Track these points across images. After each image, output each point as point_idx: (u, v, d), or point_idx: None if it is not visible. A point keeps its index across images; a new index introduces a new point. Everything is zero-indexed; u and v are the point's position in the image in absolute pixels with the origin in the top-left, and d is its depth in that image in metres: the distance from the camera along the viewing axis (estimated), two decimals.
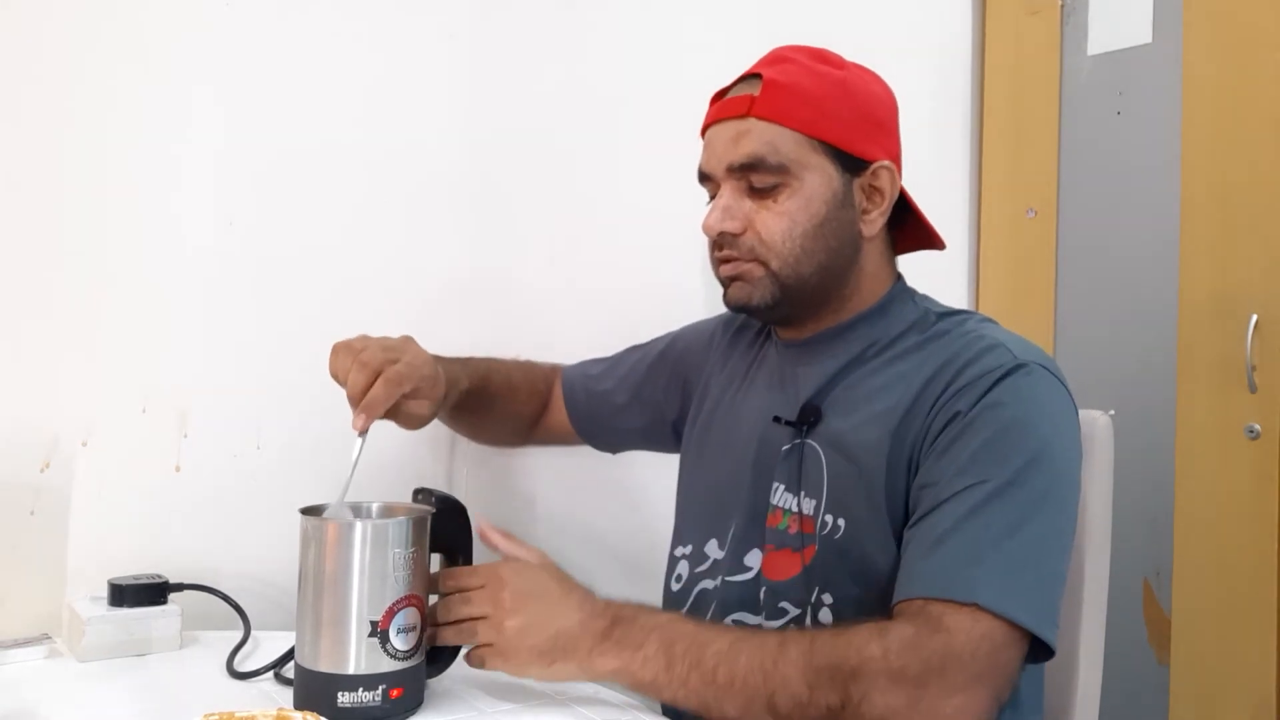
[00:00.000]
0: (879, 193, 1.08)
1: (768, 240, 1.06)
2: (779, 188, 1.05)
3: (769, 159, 1.04)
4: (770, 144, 1.04)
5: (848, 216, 1.07)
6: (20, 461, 1.19)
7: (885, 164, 1.08)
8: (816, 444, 1.07)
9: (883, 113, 1.10)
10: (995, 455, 0.95)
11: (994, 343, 1.02)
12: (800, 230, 1.05)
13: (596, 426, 1.37)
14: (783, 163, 1.04)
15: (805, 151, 1.05)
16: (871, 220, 1.09)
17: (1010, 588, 0.90)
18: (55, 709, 0.97)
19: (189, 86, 1.28)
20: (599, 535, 1.59)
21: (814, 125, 1.05)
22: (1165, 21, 1.71)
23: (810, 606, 1.04)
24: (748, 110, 1.06)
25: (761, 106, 1.05)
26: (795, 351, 1.14)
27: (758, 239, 1.06)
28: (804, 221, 1.05)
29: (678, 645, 0.93)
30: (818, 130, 1.05)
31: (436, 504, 0.99)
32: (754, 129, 1.05)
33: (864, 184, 1.08)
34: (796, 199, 1.05)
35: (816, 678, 0.89)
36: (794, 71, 1.07)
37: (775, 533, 1.08)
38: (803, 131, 1.05)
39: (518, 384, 1.34)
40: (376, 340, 1.10)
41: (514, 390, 1.34)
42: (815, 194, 1.05)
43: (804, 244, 1.05)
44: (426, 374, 1.10)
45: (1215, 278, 1.63)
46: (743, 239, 1.07)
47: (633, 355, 1.36)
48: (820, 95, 1.06)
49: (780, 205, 1.05)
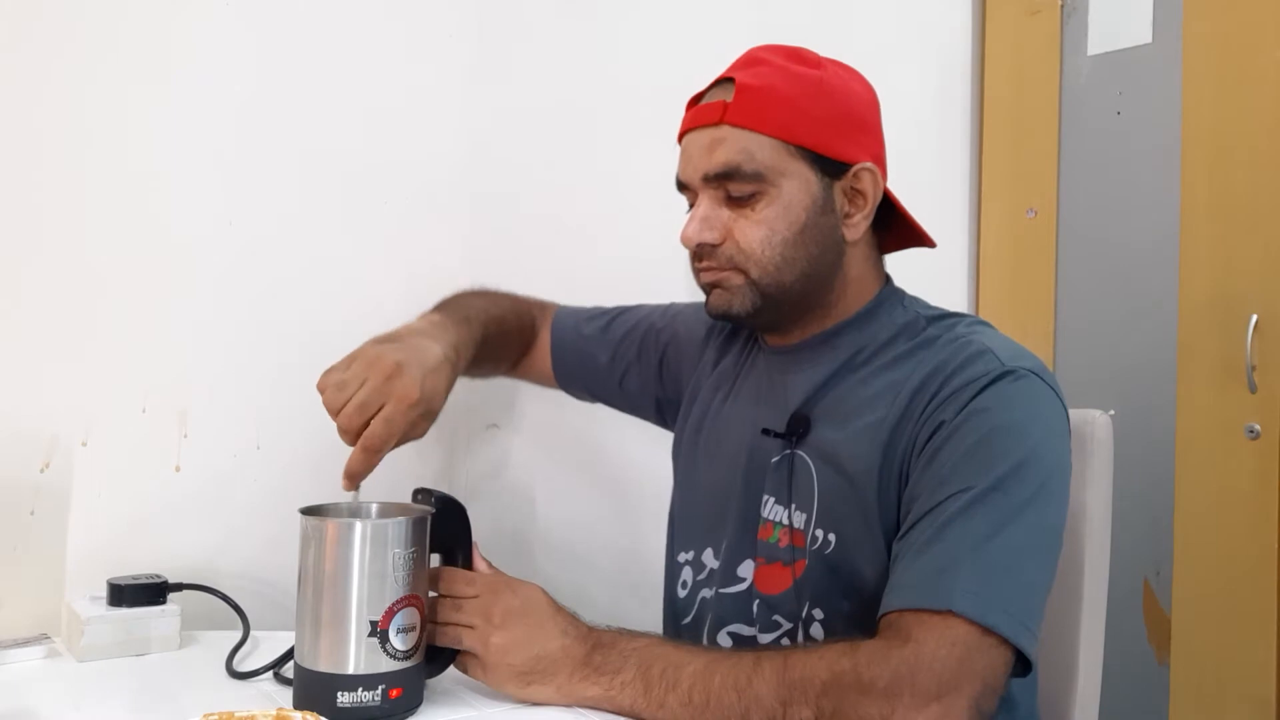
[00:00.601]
0: (861, 195, 1.06)
1: (747, 249, 1.04)
2: (757, 196, 1.03)
3: (745, 167, 1.02)
4: (745, 151, 1.02)
5: (829, 222, 1.05)
6: (20, 461, 1.19)
7: (867, 166, 1.05)
8: (807, 455, 1.05)
9: (862, 111, 1.07)
10: (978, 462, 0.94)
11: (981, 349, 1.00)
12: (780, 238, 1.03)
13: (576, 380, 1.35)
14: (759, 170, 1.02)
15: (782, 157, 1.02)
16: (854, 224, 1.06)
17: (986, 593, 0.89)
18: (54, 709, 0.96)
19: (189, 86, 1.28)
20: (599, 536, 1.59)
21: (790, 130, 1.02)
22: (1165, 21, 1.71)
23: (801, 621, 1.03)
24: (721, 117, 1.03)
25: (735, 113, 1.02)
26: (782, 358, 1.13)
27: (737, 248, 1.04)
28: (783, 229, 1.03)
29: (654, 668, 0.93)
30: (794, 135, 1.02)
31: (436, 504, 0.99)
32: (728, 137, 1.03)
33: (845, 187, 1.05)
34: (775, 207, 1.03)
35: (789, 694, 0.88)
36: (768, 74, 1.04)
37: (766, 546, 1.07)
38: (778, 137, 1.02)
39: (509, 329, 1.30)
40: (372, 364, 1.02)
41: (506, 337, 1.30)
42: (794, 201, 1.03)
43: (784, 252, 1.03)
44: (423, 398, 1.03)
45: (1215, 278, 1.63)
46: (722, 249, 1.05)
47: (627, 320, 1.33)
48: (795, 97, 1.03)
49: (759, 214, 1.03)
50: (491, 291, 1.32)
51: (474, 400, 1.49)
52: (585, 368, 1.33)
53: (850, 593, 1.00)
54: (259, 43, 1.33)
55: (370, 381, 1.01)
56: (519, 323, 1.32)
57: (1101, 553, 1.16)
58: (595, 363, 1.33)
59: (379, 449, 1.00)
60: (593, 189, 1.58)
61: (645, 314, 1.33)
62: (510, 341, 1.31)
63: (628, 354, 1.31)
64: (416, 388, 1.02)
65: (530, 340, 1.35)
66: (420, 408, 1.02)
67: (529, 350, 1.35)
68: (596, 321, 1.34)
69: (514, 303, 1.33)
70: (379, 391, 1.01)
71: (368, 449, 1.00)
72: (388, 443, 1.01)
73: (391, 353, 1.04)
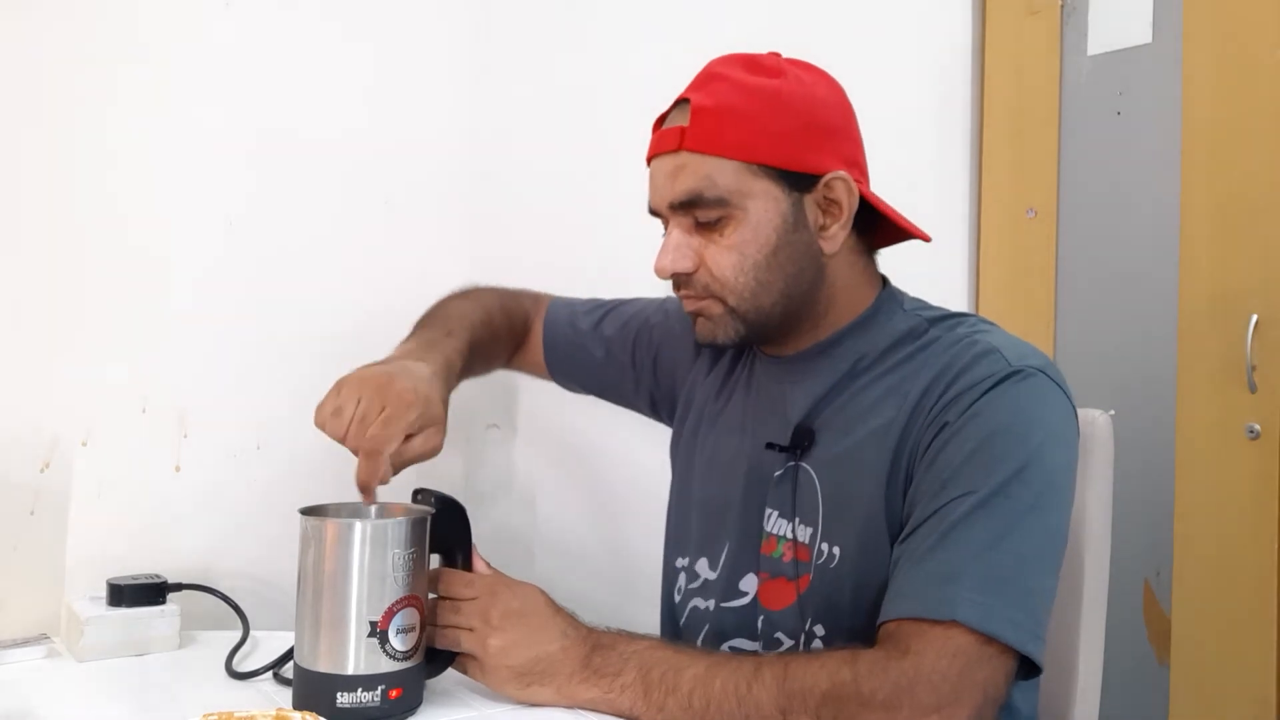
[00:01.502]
0: (836, 205, 1.02)
1: (720, 277, 1.01)
2: (724, 220, 1.00)
3: (707, 194, 0.99)
4: (706, 178, 0.99)
5: (803, 238, 1.02)
6: (20, 461, 1.19)
7: (839, 175, 1.01)
8: (811, 468, 1.04)
9: (827, 116, 1.03)
10: (981, 466, 0.93)
11: (987, 349, 0.98)
12: (751, 262, 1.00)
13: (569, 373, 1.34)
14: (722, 196, 0.99)
15: (745, 178, 0.99)
16: (831, 235, 1.03)
17: (990, 603, 0.88)
18: (54, 709, 0.96)
19: (188, 86, 1.28)
20: (599, 537, 1.59)
21: (750, 149, 0.99)
22: (1165, 21, 1.71)
23: (804, 636, 1.02)
24: (679, 144, 1.00)
25: (692, 138, 0.99)
26: (780, 368, 1.10)
27: (711, 276, 1.02)
28: (754, 253, 1.00)
29: (654, 671, 0.92)
30: (756, 154, 0.99)
31: (436, 505, 0.99)
32: (688, 164, 1.00)
33: (817, 199, 1.02)
34: (743, 230, 1.00)
35: (789, 702, 0.88)
36: (723, 91, 1.00)
37: (769, 560, 1.06)
38: (739, 158, 0.99)
39: (498, 329, 1.28)
40: (362, 383, 1.01)
41: (495, 338, 1.28)
42: (763, 221, 1.00)
43: (758, 276, 1.01)
44: (419, 399, 1.01)
45: (1215, 278, 1.63)
46: (696, 277, 1.02)
47: (622, 314, 1.31)
48: (754, 114, 0.99)
49: (727, 239, 1.00)
50: (476, 290, 1.30)
51: (474, 400, 1.48)
52: (578, 362, 1.32)
53: (855, 607, 0.99)
54: (258, 42, 1.33)
55: (365, 396, 0.99)
56: (508, 320, 1.31)
57: (1101, 553, 1.16)
58: (589, 357, 1.31)
59: (380, 450, 0.98)
60: (593, 186, 1.58)
61: (640, 308, 1.32)
62: (500, 341, 1.30)
63: (622, 350, 1.30)
64: (410, 392, 1.00)
65: (523, 335, 1.34)
66: (418, 408, 1.00)
67: (522, 344, 1.34)
68: (591, 315, 1.32)
69: (502, 299, 1.31)
70: (375, 401, 0.99)
71: (369, 453, 0.98)
72: (388, 444, 0.99)
73: (378, 370, 1.03)
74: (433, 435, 1.03)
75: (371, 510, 1.00)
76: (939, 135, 1.97)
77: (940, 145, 1.97)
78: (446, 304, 1.26)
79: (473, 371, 1.25)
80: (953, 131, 1.99)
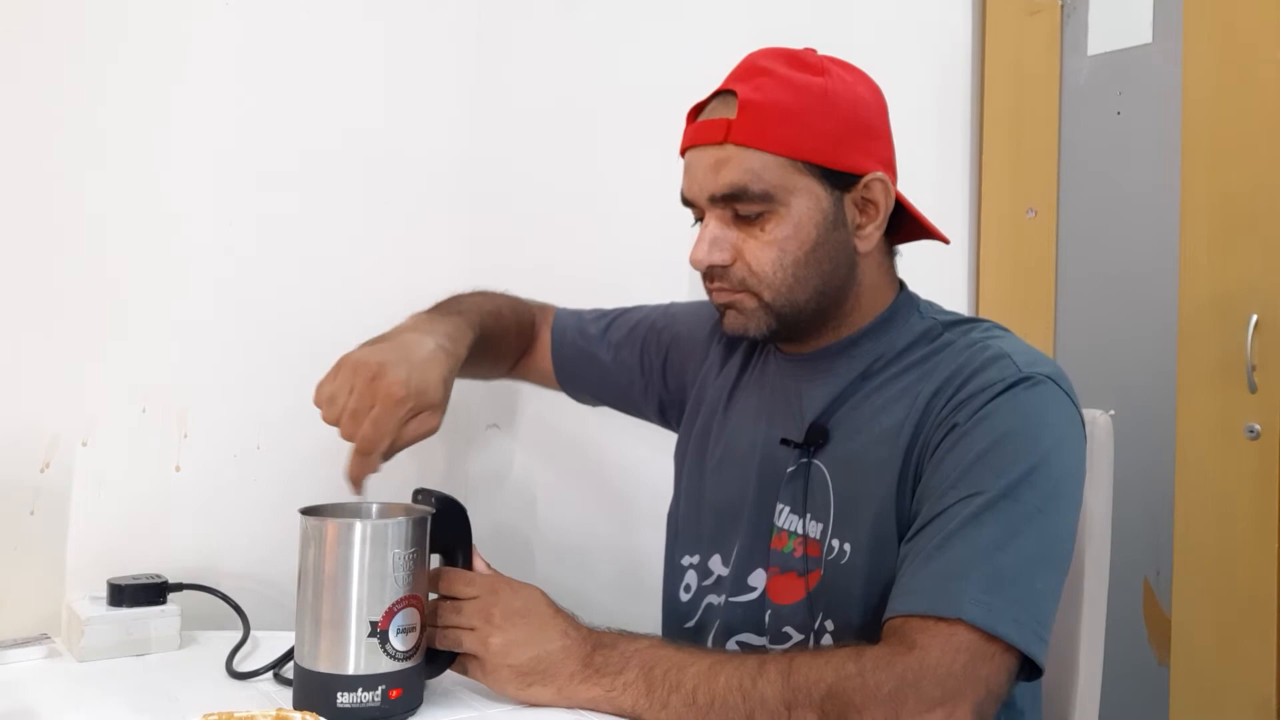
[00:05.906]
0: (873, 205, 1.04)
1: (758, 271, 1.02)
2: (765, 215, 1.01)
3: (752, 188, 1.00)
4: (752, 171, 1.00)
5: (841, 236, 1.03)
6: (20, 461, 1.19)
7: (878, 175, 1.03)
8: (823, 465, 1.05)
9: (870, 117, 1.05)
10: (990, 468, 0.93)
11: (999, 354, 0.99)
12: (791, 259, 1.02)
13: (577, 381, 1.34)
14: (767, 190, 1.00)
15: (790, 175, 1.00)
16: (866, 235, 1.05)
17: (995, 603, 0.89)
18: (54, 709, 0.96)
19: (189, 86, 1.28)
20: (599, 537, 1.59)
21: (797, 146, 1.00)
22: (1165, 21, 1.71)
23: (813, 633, 1.02)
24: (725, 136, 1.00)
25: (739, 131, 1.00)
26: (797, 366, 1.11)
27: (748, 270, 1.02)
28: (794, 249, 1.01)
29: (657, 669, 0.92)
30: (801, 151, 1.00)
31: (436, 504, 0.99)
32: (733, 156, 1.00)
33: (856, 198, 1.03)
34: (785, 226, 1.01)
35: (794, 696, 0.88)
36: (771, 86, 1.01)
37: (780, 555, 1.06)
38: (785, 154, 1.00)
39: (508, 326, 1.28)
40: (356, 370, 1.00)
41: (504, 333, 1.28)
42: (804, 218, 1.01)
43: (796, 272, 1.02)
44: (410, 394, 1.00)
45: (1215, 278, 1.63)
46: (732, 270, 1.03)
47: (628, 321, 1.32)
48: (801, 111, 1.00)
49: (768, 234, 1.01)
50: (488, 291, 1.31)
51: (474, 400, 1.49)
52: (587, 368, 1.33)
53: (865, 604, 0.99)
54: (258, 43, 1.33)
55: (356, 388, 0.99)
56: (518, 320, 1.31)
57: (1101, 553, 1.16)
58: (597, 363, 1.32)
59: (371, 450, 0.99)
60: (594, 190, 1.58)
61: (646, 314, 1.33)
62: (509, 338, 1.30)
63: (630, 354, 1.30)
64: (401, 386, 0.99)
65: (530, 340, 1.34)
66: (409, 403, 1.00)
67: (529, 350, 1.35)
68: (598, 323, 1.33)
69: (512, 302, 1.32)
70: (366, 395, 0.99)
71: (361, 452, 0.99)
72: (379, 444, 0.99)
73: (375, 354, 1.02)
74: (427, 419, 1.03)
75: (372, 510, 1.00)
76: (939, 135, 1.97)
77: (940, 145, 1.97)
78: (459, 295, 1.26)
79: (479, 365, 1.24)
80: (953, 131, 1.99)
